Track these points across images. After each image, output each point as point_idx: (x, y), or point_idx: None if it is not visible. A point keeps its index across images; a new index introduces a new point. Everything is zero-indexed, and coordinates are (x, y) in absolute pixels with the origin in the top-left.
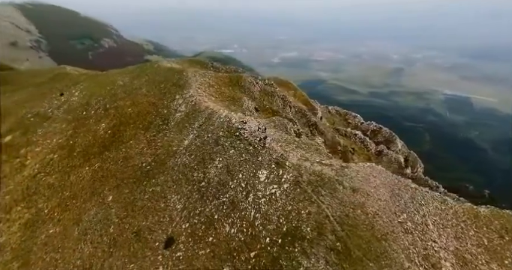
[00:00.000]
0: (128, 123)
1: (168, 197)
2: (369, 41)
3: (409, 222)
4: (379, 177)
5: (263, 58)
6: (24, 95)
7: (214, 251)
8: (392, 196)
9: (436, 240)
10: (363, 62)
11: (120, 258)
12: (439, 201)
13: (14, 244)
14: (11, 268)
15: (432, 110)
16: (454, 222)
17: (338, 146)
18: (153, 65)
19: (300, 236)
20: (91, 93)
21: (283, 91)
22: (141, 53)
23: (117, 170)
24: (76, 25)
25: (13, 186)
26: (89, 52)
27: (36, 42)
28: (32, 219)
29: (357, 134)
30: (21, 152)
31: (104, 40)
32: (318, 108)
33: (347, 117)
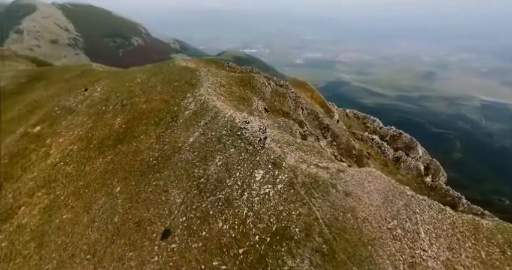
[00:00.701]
0: (141, 119)
1: (169, 191)
2: (399, 41)
3: (399, 229)
4: (374, 182)
5: (286, 58)
6: (54, 90)
7: (206, 245)
8: (385, 202)
9: (426, 249)
10: (392, 64)
11: (121, 246)
12: (436, 210)
13: (33, 226)
14: (29, 248)
15: (465, 117)
16: (450, 232)
17: (353, 150)
18: (169, 64)
19: (288, 236)
20: (111, 89)
21: (300, 92)
22: (167, 51)
23: (126, 162)
24: (109, 24)
25: (37, 173)
26: (119, 50)
27: (73, 40)
28: (50, 204)
29: (374, 138)
30: (47, 141)
31: (133, 38)
32: (335, 111)
33: (365, 121)
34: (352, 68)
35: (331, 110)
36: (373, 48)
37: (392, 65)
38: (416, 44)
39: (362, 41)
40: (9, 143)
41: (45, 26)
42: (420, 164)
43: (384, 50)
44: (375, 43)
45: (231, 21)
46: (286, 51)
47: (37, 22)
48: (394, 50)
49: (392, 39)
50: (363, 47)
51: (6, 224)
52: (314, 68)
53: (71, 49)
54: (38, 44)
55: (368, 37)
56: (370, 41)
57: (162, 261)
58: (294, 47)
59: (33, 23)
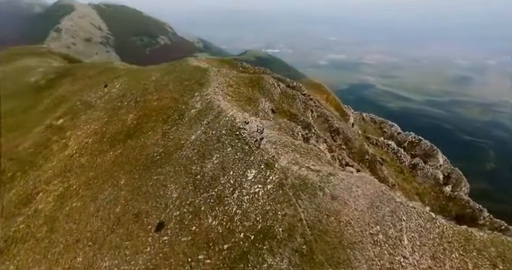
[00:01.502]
0: (151, 116)
1: (167, 185)
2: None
3: (381, 234)
4: (363, 187)
5: (309, 59)
6: (78, 85)
7: (195, 239)
8: (371, 207)
9: (407, 256)
10: (420, 66)
11: (120, 235)
12: (425, 218)
13: (47, 212)
14: (41, 231)
15: (501, 125)
16: (436, 241)
17: (366, 154)
18: (182, 63)
19: (271, 235)
20: (128, 86)
21: (315, 94)
22: (191, 50)
23: (133, 157)
24: (139, 23)
25: (55, 163)
26: (146, 48)
27: (105, 38)
28: (63, 192)
29: (390, 144)
30: (67, 134)
31: (160, 37)
32: (350, 114)
33: (382, 125)
34: (377, 70)
35: (346, 113)
36: (399, 49)
37: (421, 68)
38: (448, 46)
39: (388, 42)
40: (36, 133)
41: (81, 25)
42: (439, 173)
43: (412, 51)
44: (402, 44)
45: (254, 21)
46: (309, 52)
47: (74, 21)
48: (423, 51)
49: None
50: (389, 49)
51: (26, 208)
52: (338, 69)
53: (103, 47)
54: (73, 42)
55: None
56: (397, 42)
57: (153, 252)
58: (317, 48)
59: (70, 22)
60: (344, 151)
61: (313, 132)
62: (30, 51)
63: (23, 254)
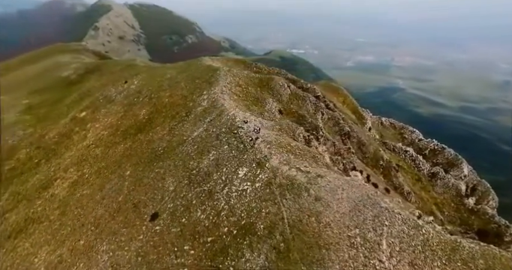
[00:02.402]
0: (161, 112)
1: (166, 179)
2: (472, 44)
3: (359, 238)
4: (349, 191)
5: (335, 60)
6: (102, 81)
7: (183, 230)
8: (353, 210)
9: (384, 260)
10: (457, 70)
11: (119, 222)
12: (410, 225)
13: (61, 196)
14: (54, 214)
15: None
16: (418, 249)
17: (380, 160)
18: (196, 62)
19: (252, 231)
20: (145, 83)
21: (332, 97)
22: (217, 49)
23: (140, 150)
24: (169, 22)
25: (74, 152)
26: (175, 46)
27: (137, 37)
28: (77, 180)
29: (408, 150)
30: (88, 126)
31: (188, 36)
32: (368, 118)
33: (402, 131)
34: (408, 73)
35: (363, 117)
36: (435, 52)
37: (458, 72)
38: (491, 48)
39: (422, 43)
40: (61, 124)
41: (116, 23)
42: (462, 184)
43: (449, 53)
44: (438, 46)
45: (280, 21)
46: (335, 53)
47: (110, 20)
48: (462, 54)
49: (461, 41)
50: (423, 50)
51: (45, 192)
52: (365, 71)
53: (135, 45)
54: (108, 40)
55: (430, 39)
56: (432, 43)
57: (145, 240)
58: (344, 49)
59: (107, 21)
60: (354, 155)
61: (321, 134)
62: (67, 48)
63: (37, 234)
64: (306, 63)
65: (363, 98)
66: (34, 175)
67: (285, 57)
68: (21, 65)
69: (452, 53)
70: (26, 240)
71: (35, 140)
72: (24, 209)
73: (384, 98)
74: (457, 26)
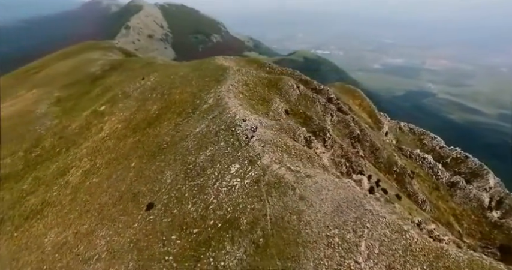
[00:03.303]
0: (170, 108)
1: (165, 172)
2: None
3: (337, 238)
4: (334, 191)
5: (361, 62)
6: (123, 77)
7: (173, 221)
8: (335, 211)
9: (360, 261)
10: (498, 75)
11: (119, 210)
12: (393, 230)
13: (74, 184)
14: (66, 199)
15: None
16: (398, 253)
17: (394, 166)
18: (209, 61)
19: (236, 226)
20: (160, 80)
21: (347, 100)
22: (241, 49)
23: (147, 143)
24: (195, 22)
25: (90, 143)
26: (199, 45)
27: (165, 35)
28: (89, 169)
29: (426, 157)
30: (105, 119)
31: (213, 35)
32: (385, 123)
33: (423, 137)
34: (442, 77)
35: (380, 121)
36: (471, 54)
37: (498, 77)
38: None
39: (458, 45)
40: (83, 117)
41: (146, 23)
42: (485, 196)
43: (488, 57)
44: (477, 49)
45: (306, 21)
46: (361, 54)
47: (141, 20)
48: (503, 57)
49: (499, 43)
50: (459, 53)
51: (61, 179)
52: (393, 74)
53: (162, 43)
54: (138, 38)
55: (465, 41)
56: (469, 46)
57: (139, 228)
58: (371, 50)
59: (138, 20)
60: (364, 159)
61: (328, 136)
62: (97, 46)
63: (50, 216)
64: (330, 64)
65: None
66: (54, 163)
67: (308, 58)
68: (56, 61)
69: (490, 56)
70: (40, 221)
71: (59, 130)
72: (43, 193)
73: (412, 102)
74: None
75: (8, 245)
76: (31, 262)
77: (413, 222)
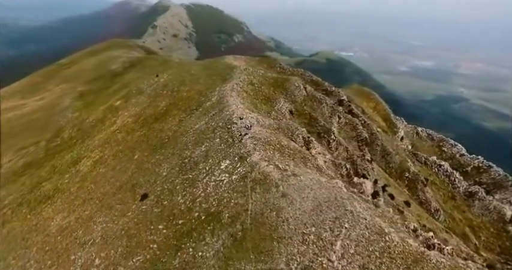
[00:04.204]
0: (177, 104)
1: (162, 165)
2: None
3: (313, 235)
4: (317, 191)
5: (387, 65)
6: (140, 74)
7: (162, 211)
8: (315, 209)
9: (333, 260)
10: None
11: (117, 199)
12: (372, 231)
13: (83, 173)
14: (74, 187)
15: None
16: (375, 254)
17: (406, 172)
18: (219, 60)
19: (217, 219)
20: (172, 78)
21: (361, 102)
22: (262, 49)
23: (151, 137)
24: (219, 22)
25: (102, 135)
26: (222, 45)
27: (189, 35)
28: (98, 159)
29: (443, 165)
30: (119, 113)
31: (236, 35)
32: (401, 127)
33: (442, 144)
34: (475, 81)
35: (395, 125)
36: (509, 57)
37: None
38: None
39: (493, 48)
40: (100, 110)
41: (171, 22)
42: (507, 208)
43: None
44: None
45: (331, 22)
46: (387, 56)
47: (167, 19)
48: None
49: None
50: (494, 56)
51: (73, 168)
52: (421, 77)
53: (186, 43)
54: (164, 38)
55: (501, 43)
56: (505, 48)
57: (131, 216)
58: (397, 52)
59: (164, 20)
60: (370, 163)
61: (333, 138)
62: (121, 44)
63: (59, 202)
64: (353, 66)
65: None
66: (70, 153)
67: (331, 59)
68: (84, 58)
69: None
70: (50, 206)
71: (78, 122)
72: (56, 180)
73: (442, 107)
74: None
75: (21, 225)
76: (37, 243)
77: (408, 228)
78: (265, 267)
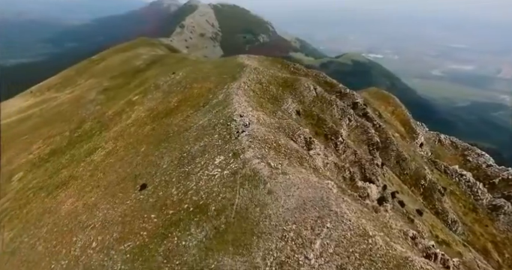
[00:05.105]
0: (188, 101)
1: (163, 157)
2: None
3: (293, 233)
4: (303, 190)
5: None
6: (159, 70)
7: (157, 201)
8: (298, 208)
9: (311, 257)
10: None
11: (120, 188)
12: (356, 233)
13: (96, 162)
14: (86, 175)
15: None
16: (355, 256)
17: (422, 179)
18: (232, 60)
19: (204, 211)
20: (186, 75)
21: (379, 106)
22: (287, 49)
23: (159, 131)
24: (244, 21)
25: (117, 128)
26: (247, 45)
27: (215, 34)
28: (110, 150)
29: (465, 175)
30: (135, 107)
31: (260, 35)
32: (421, 133)
33: (466, 153)
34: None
35: (415, 131)
36: None
37: None
38: None
39: None
40: (119, 104)
41: (199, 22)
42: None
43: None
44: None
45: (361, 21)
46: (420, 59)
47: (195, 19)
48: None
49: None
50: None
51: (88, 157)
52: (457, 83)
53: (212, 42)
54: (191, 37)
55: None
56: None
57: (129, 205)
58: (432, 55)
59: (192, 19)
60: (380, 168)
61: (340, 140)
62: (147, 42)
63: (71, 188)
64: (381, 69)
65: (449, 112)
66: (87, 143)
67: (357, 61)
68: (111, 55)
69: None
70: (64, 191)
71: (98, 115)
72: (73, 168)
73: (479, 115)
74: None
75: (38, 208)
76: (48, 224)
77: (406, 235)
78: (242, 259)
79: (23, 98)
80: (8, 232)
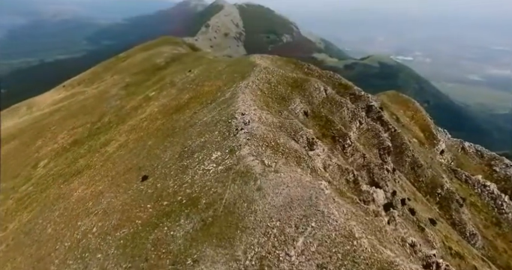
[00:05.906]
0: (197, 98)
1: (166, 151)
2: None
3: (276, 229)
4: (292, 189)
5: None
6: (177, 68)
7: (154, 192)
8: (284, 206)
9: (292, 254)
10: None
11: (125, 178)
12: (341, 234)
13: (108, 153)
14: (98, 164)
15: None
16: (337, 256)
17: (438, 188)
18: (244, 59)
19: (195, 204)
20: (200, 73)
21: (398, 110)
22: (310, 50)
23: (167, 126)
24: (268, 21)
25: (132, 122)
26: (270, 45)
27: (238, 34)
28: (122, 143)
29: (488, 186)
30: (151, 103)
31: (284, 35)
32: (442, 140)
33: (493, 163)
34: None
35: (435, 137)
36: None
37: None
38: None
39: None
40: (137, 100)
41: (224, 22)
42: None
43: None
44: None
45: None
46: (454, 63)
47: (220, 19)
48: None
49: None
50: None
51: (103, 148)
52: (496, 88)
53: (235, 41)
54: (215, 36)
55: None
56: None
57: (130, 194)
58: (469, 58)
59: (217, 19)
60: (391, 173)
61: (349, 143)
62: (170, 41)
63: (85, 176)
64: (410, 72)
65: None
66: (104, 135)
67: (384, 64)
68: (136, 53)
69: None
70: (78, 179)
71: (117, 109)
72: (89, 157)
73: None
74: None
75: (55, 193)
76: (60, 208)
77: (404, 241)
78: (223, 252)
79: (57, 91)
80: (27, 214)
